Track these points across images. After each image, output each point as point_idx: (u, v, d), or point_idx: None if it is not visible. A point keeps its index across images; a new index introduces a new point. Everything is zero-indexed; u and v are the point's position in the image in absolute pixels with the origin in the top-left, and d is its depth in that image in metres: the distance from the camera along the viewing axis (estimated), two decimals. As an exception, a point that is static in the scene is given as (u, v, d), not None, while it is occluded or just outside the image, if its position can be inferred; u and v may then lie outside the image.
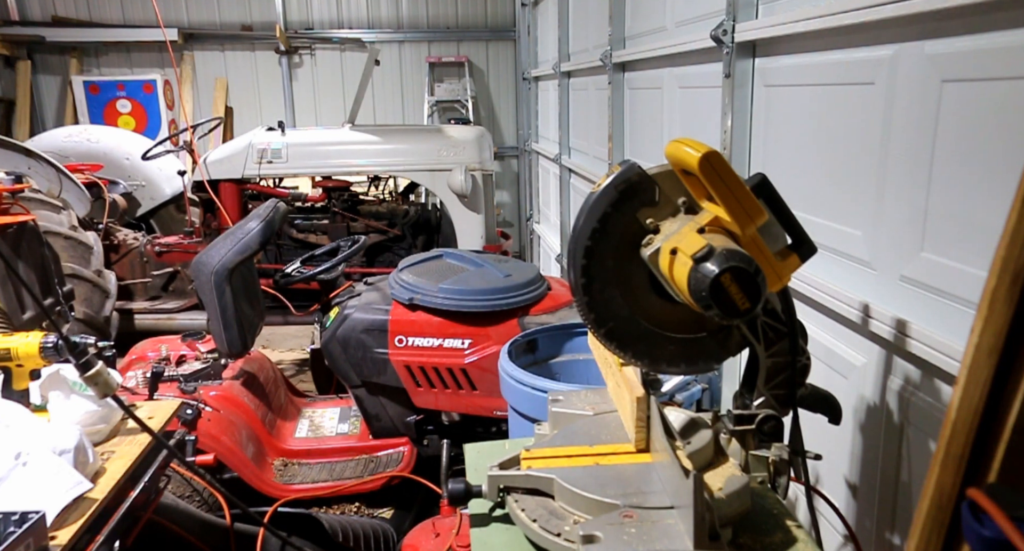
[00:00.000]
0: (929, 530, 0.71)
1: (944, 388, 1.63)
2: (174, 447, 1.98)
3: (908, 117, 1.72)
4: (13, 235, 3.55)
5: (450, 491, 1.44)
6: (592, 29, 4.90)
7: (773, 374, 1.47)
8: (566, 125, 5.88)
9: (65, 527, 1.53)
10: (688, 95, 3.20)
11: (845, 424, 1.80)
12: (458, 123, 7.91)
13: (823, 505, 1.86)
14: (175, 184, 6.39)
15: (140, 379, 3.03)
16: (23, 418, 1.79)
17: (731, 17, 2.52)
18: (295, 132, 5.84)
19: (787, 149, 2.36)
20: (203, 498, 2.84)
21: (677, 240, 1.28)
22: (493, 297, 3.10)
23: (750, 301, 1.19)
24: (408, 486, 3.24)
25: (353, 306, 3.23)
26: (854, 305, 1.92)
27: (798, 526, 1.33)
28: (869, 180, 1.89)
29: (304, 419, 3.61)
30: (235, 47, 9.12)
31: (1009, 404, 0.67)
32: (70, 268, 4.49)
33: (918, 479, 1.74)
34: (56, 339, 1.96)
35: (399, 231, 5.72)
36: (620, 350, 1.44)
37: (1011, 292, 0.65)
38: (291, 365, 5.64)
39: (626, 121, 4.21)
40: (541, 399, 1.95)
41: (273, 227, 3.25)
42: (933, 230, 1.65)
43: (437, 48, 9.24)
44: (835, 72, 2.05)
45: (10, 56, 8.60)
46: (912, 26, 1.69)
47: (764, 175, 1.41)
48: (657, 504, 1.25)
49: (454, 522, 2.20)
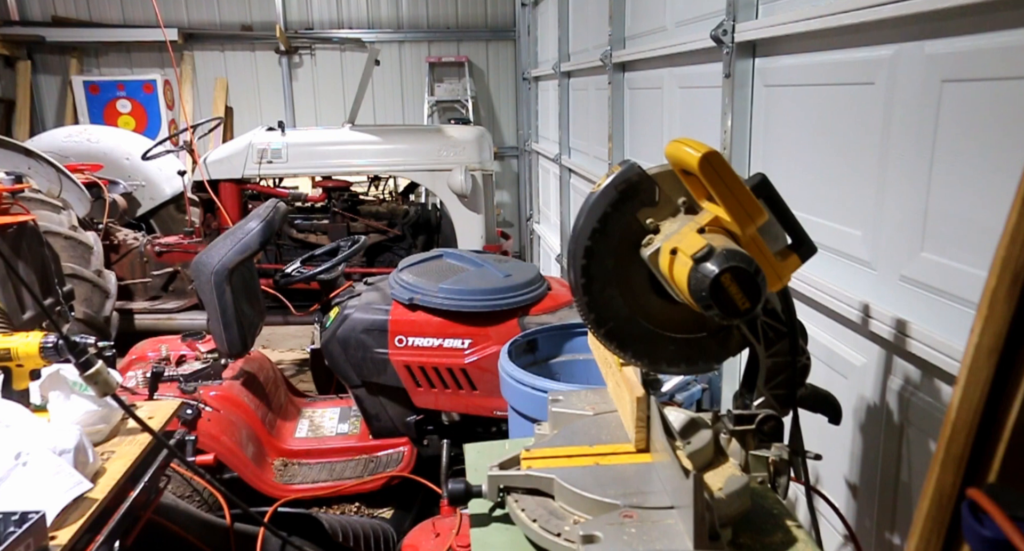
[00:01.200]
0: (929, 530, 0.71)
1: (944, 388, 1.63)
2: (174, 447, 1.98)
3: (908, 117, 1.72)
4: (13, 235, 3.55)
5: (450, 491, 1.44)
6: (592, 29, 4.90)
7: (773, 374, 1.48)
8: (566, 125, 5.88)
9: (65, 527, 1.53)
10: (688, 95, 3.20)
11: (845, 424, 1.80)
12: (458, 123, 7.91)
13: (823, 505, 1.86)
14: (175, 184, 6.39)
15: (140, 379, 3.03)
16: (23, 418, 1.79)
17: (731, 17, 2.52)
18: (295, 132, 5.83)
19: (787, 149, 2.36)
20: (203, 498, 2.84)
21: (677, 240, 1.28)
22: (493, 297, 3.10)
23: (750, 301, 1.19)
24: (408, 486, 3.24)
25: (353, 306, 3.23)
26: (854, 305, 1.92)
27: (798, 526, 1.33)
28: (869, 180, 1.89)
29: (304, 419, 3.61)
30: (235, 47, 9.12)
31: (1009, 404, 0.66)
32: (70, 268, 4.49)
33: (918, 479, 1.74)
34: (56, 339, 1.96)
35: (399, 231, 5.72)
36: (620, 350, 1.44)
37: (1011, 292, 0.65)
38: (291, 365, 5.64)
39: (626, 121, 4.20)
40: (541, 399, 1.95)
41: (273, 227, 3.25)
42: (933, 230, 1.65)
43: (437, 48, 9.24)
44: (835, 72, 2.04)
45: (10, 56, 8.60)
46: (912, 26, 1.69)
47: (764, 175, 1.41)
48: (657, 504, 1.25)
49: (454, 522, 2.20)
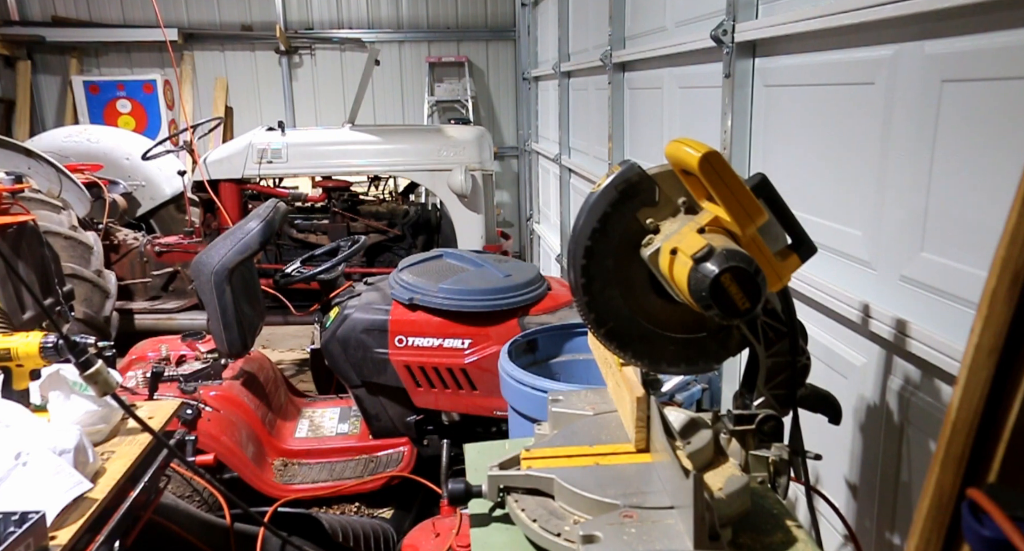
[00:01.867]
0: (929, 530, 0.71)
1: (944, 388, 1.63)
2: (174, 447, 1.98)
3: (908, 117, 1.72)
4: (13, 235, 3.55)
5: (450, 491, 1.44)
6: (592, 29, 4.89)
7: (773, 374, 1.48)
8: (566, 125, 5.88)
9: (65, 527, 1.53)
10: (688, 95, 3.20)
11: (845, 424, 1.80)
12: (458, 123, 7.91)
13: (823, 505, 1.86)
14: (175, 184, 6.39)
15: (140, 379, 3.03)
16: (23, 418, 1.79)
17: (731, 17, 2.52)
18: (295, 132, 5.83)
19: (787, 149, 2.36)
20: (203, 498, 2.84)
21: (677, 240, 1.28)
22: (493, 297, 3.10)
23: (750, 301, 1.19)
24: (408, 486, 3.24)
25: (353, 306, 3.23)
26: (854, 305, 1.92)
27: (798, 526, 1.33)
28: (869, 180, 1.89)
29: (304, 419, 3.61)
30: (235, 47, 9.12)
31: (1009, 404, 0.66)
32: (70, 268, 4.49)
33: (918, 479, 1.74)
34: (56, 339, 1.96)
35: (399, 231, 5.72)
36: (620, 350, 1.44)
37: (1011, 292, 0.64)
38: (291, 365, 5.64)
39: (626, 121, 4.20)
40: (541, 399, 1.95)
41: (273, 227, 3.25)
42: (933, 230, 1.65)
43: (437, 48, 9.24)
44: (835, 72, 2.04)
45: (10, 56, 8.60)
46: (912, 26, 1.69)
47: (764, 175, 1.41)
48: (657, 504, 1.25)
49: (454, 522, 2.20)
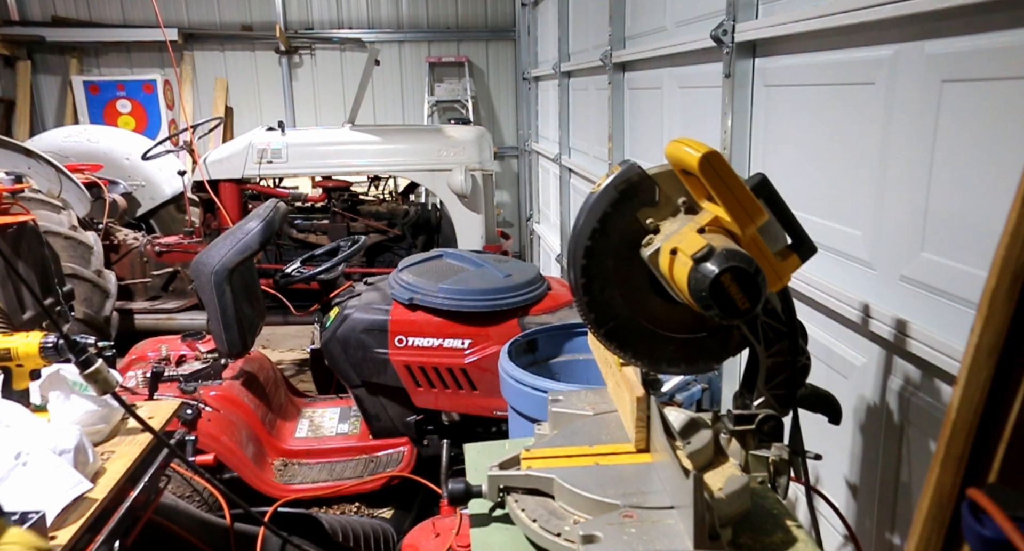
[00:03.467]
0: (929, 530, 0.71)
1: (944, 388, 1.63)
2: (174, 447, 1.98)
3: (908, 117, 1.72)
4: (13, 235, 3.55)
5: (450, 491, 1.44)
6: (592, 29, 4.89)
7: (773, 374, 1.47)
8: (566, 125, 5.88)
9: (65, 527, 1.53)
10: (688, 95, 3.20)
11: (845, 424, 1.80)
12: (458, 123, 7.91)
13: (823, 505, 1.86)
14: (175, 184, 6.39)
15: (140, 379, 3.03)
16: (23, 418, 1.79)
17: (731, 17, 2.52)
18: (295, 132, 5.83)
19: (787, 149, 2.36)
20: (203, 498, 2.84)
21: (677, 240, 1.28)
22: (493, 297, 3.10)
23: (750, 301, 1.19)
24: (408, 486, 3.24)
25: (353, 306, 3.23)
26: (854, 305, 1.92)
27: (798, 526, 1.33)
28: (869, 180, 1.89)
29: (304, 419, 3.61)
30: (235, 47, 9.11)
31: (1009, 404, 0.67)
32: (70, 268, 4.49)
33: (918, 479, 1.74)
34: (56, 339, 1.96)
35: (399, 231, 5.72)
36: (620, 350, 1.44)
37: (1011, 292, 0.65)
38: (291, 365, 5.64)
39: (626, 121, 4.20)
40: (541, 399, 1.95)
41: (273, 227, 3.25)
42: (933, 230, 1.65)
43: (437, 48, 9.24)
44: (835, 72, 2.04)
45: (10, 56, 8.60)
46: (912, 26, 1.69)
47: (764, 175, 1.40)
48: (657, 504, 1.25)
49: (454, 522, 2.20)
